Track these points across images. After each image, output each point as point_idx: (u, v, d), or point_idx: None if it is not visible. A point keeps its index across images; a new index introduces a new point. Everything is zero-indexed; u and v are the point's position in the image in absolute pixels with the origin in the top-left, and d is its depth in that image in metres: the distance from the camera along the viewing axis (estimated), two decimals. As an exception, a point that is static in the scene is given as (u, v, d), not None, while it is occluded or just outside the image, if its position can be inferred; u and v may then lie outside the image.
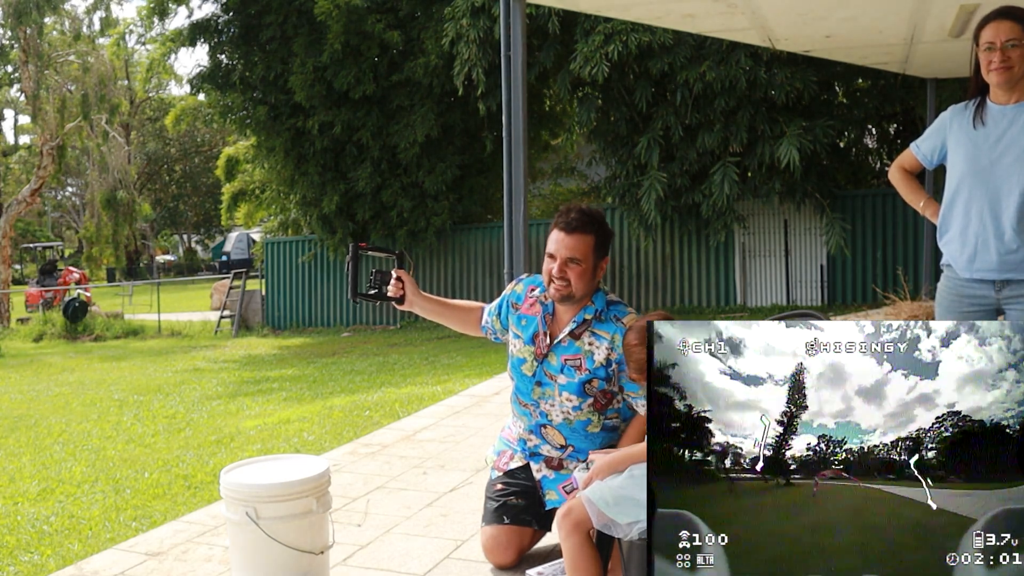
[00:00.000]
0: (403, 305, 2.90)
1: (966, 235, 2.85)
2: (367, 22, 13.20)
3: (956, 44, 6.80)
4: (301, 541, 2.44)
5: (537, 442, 2.81)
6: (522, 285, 2.87)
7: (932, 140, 3.01)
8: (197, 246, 46.17)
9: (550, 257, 2.62)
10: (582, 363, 2.65)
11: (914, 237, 11.94)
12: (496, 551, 2.76)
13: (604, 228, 2.64)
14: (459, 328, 3.02)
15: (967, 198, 2.85)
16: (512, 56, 6.18)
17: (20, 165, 35.16)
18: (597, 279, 2.66)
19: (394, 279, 2.89)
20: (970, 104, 2.88)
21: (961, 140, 2.87)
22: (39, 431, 7.34)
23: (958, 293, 2.89)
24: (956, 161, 2.89)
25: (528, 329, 2.77)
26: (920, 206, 3.15)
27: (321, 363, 11.18)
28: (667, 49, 10.65)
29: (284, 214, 17.48)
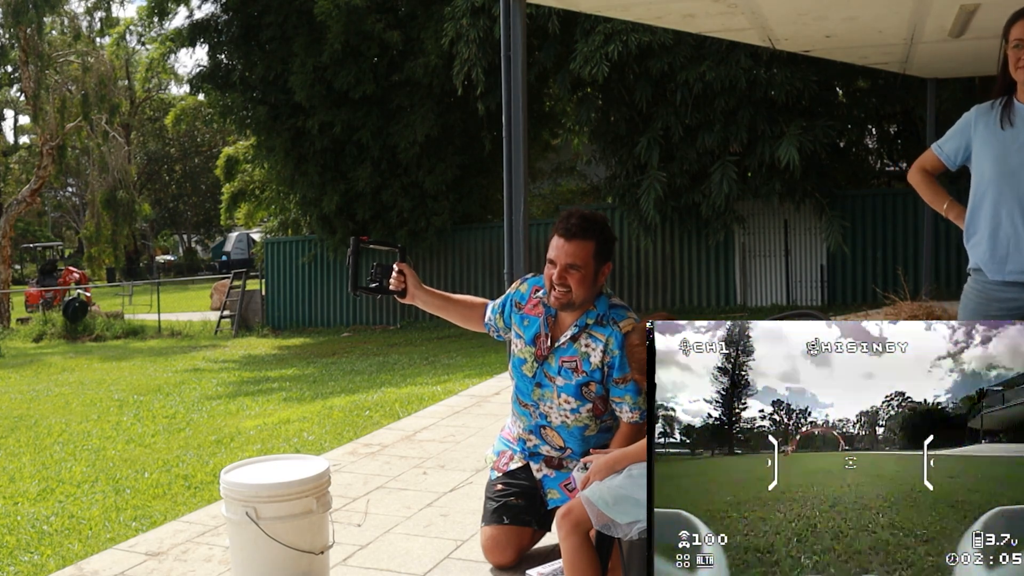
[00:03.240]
0: (405, 298, 2.87)
1: (996, 237, 2.77)
2: (367, 22, 13.20)
3: (956, 44, 6.81)
4: (301, 541, 2.44)
5: (536, 442, 2.81)
6: (526, 285, 2.85)
7: (956, 140, 2.92)
8: (197, 246, 46.17)
9: (551, 263, 2.61)
10: (579, 365, 2.65)
11: (914, 237, 11.95)
12: (496, 551, 2.76)
13: (605, 233, 2.61)
14: (461, 323, 3.00)
15: (996, 199, 2.77)
16: (512, 56, 6.19)
17: (20, 165, 35.18)
18: (599, 284, 2.64)
19: (395, 272, 2.87)
20: (996, 104, 2.80)
21: (988, 140, 2.79)
22: (39, 431, 7.34)
23: (987, 296, 2.81)
24: (983, 162, 2.81)
25: (530, 330, 2.76)
26: (943, 208, 3.02)
27: (321, 363, 11.19)
28: (667, 49, 10.65)
29: (284, 214, 17.50)
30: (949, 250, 11.75)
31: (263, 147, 15.46)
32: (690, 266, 13.29)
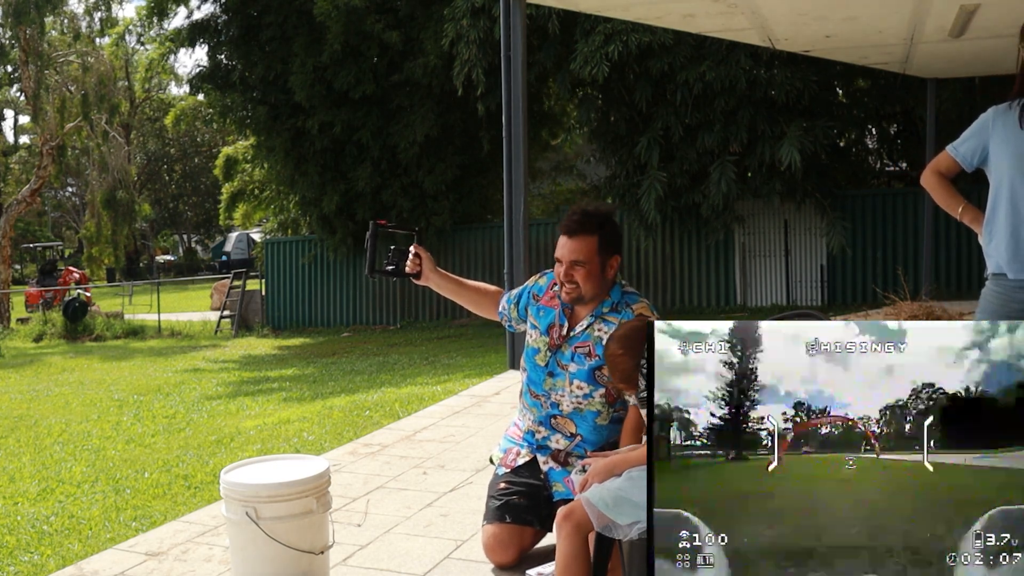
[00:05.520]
0: (420, 280, 2.94)
1: (1018, 237, 2.74)
2: (367, 22, 13.20)
3: (956, 44, 6.81)
4: (301, 541, 2.44)
5: (546, 434, 2.82)
6: (545, 278, 2.90)
7: (973, 141, 2.88)
8: (197, 246, 46.17)
9: (558, 261, 2.67)
10: (591, 350, 2.68)
11: (914, 237, 11.95)
12: (497, 550, 2.76)
13: (607, 227, 2.64)
14: (474, 308, 3.06)
15: (1016, 200, 2.74)
16: (512, 56, 6.20)
17: (20, 165, 35.17)
18: (608, 277, 2.68)
19: (411, 255, 2.92)
20: (1015, 104, 2.76)
21: (1007, 141, 2.76)
22: (39, 431, 7.34)
23: (1008, 298, 2.77)
24: (1001, 162, 2.78)
25: (545, 320, 2.81)
26: (958, 212, 2.96)
27: (321, 363, 11.19)
28: (667, 49, 10.65)
29: (284, 214, 17.49)
30: (949, 250, 11.76)
31: (263, 147, 15.46)
32: (690, 266, 13.29)
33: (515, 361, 6.29)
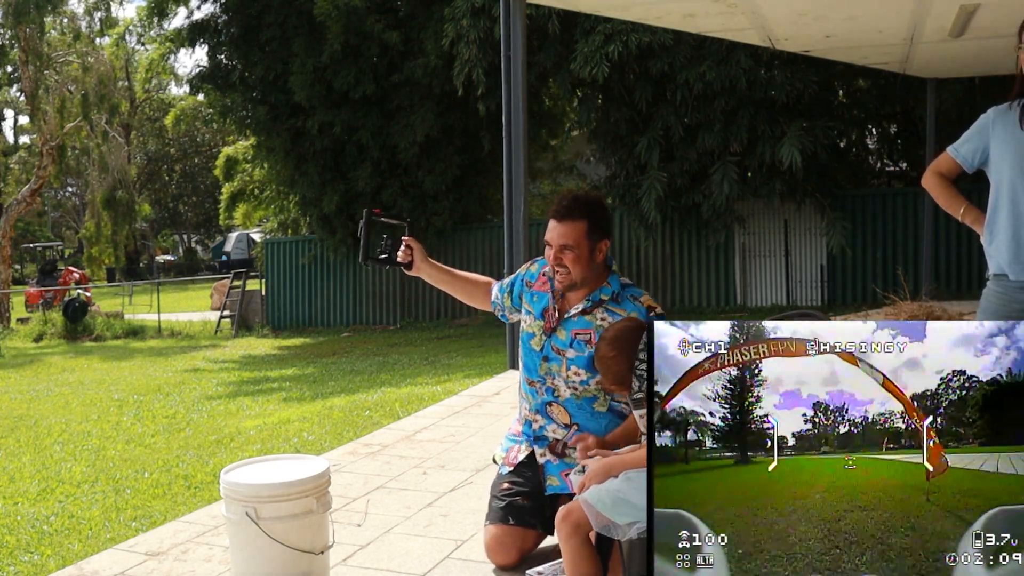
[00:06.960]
0: (411, 270, 2.97)
1: (1019, 237, 2.74)
2: (367, 22, 13.20)
3: (956, 44, 6.81)
4: (301, 541, 2.44)
5: (542, 423, 2.82)
6: (536, 265, 2.92)
7: (973, 142, 2.87)
8: (197, 246, 46.16)
9: (548, 245, 2.69)
10: (592, 338, 2.69)
11: (914, 237, 11.95)
12: (499, 551, 2.76)
13: (597, 212, 2.66)
14: (465, 299, 3.09)
15: (1016, 200, 2.74)
16: (512, 56, 6.20)
17: (20, 165, 35.14)
18: (598, 261, 2.69)
19: (404, 246, 2.96)
20: (1015, 104, 2.77)
21: (1007, 141, 2.76)
22: (39, 431, 7.34)
23: (1009, 299, 2.77)
24: (1002, 163, 2.78)
25: (539, 304, 2.82)
26: (960, 213, 2.95)
27: (321, 363, 11.19)
28: (667, 49, 10.65)
29: (284, 214, 17.49)
30: (949, 250, 11.76)
31: (263, 147, 15.46)
32: (690, 266, 13.29)
33: (515, 361, 6.29)
